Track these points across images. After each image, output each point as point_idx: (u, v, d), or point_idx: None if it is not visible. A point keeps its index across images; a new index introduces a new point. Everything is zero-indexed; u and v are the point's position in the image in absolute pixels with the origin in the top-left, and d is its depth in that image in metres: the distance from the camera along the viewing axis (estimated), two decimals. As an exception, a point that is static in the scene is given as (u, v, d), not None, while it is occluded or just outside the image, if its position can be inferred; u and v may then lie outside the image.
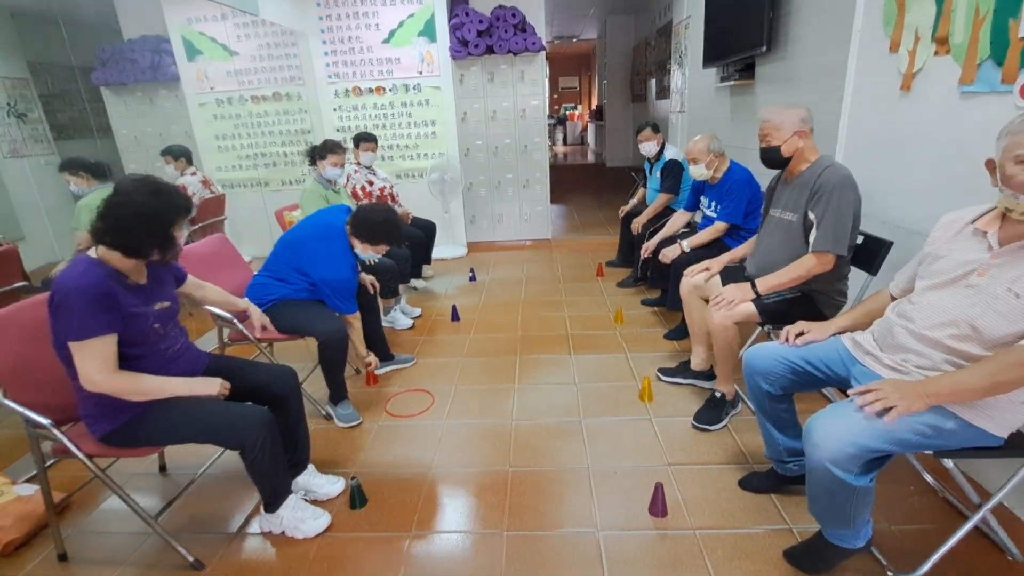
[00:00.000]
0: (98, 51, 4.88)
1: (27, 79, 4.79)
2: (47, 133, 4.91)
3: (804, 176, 1.93)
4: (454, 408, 2.36)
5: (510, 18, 4.51)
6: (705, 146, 2.80)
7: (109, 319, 1.38)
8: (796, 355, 1.58)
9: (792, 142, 1.92)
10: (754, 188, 2.79)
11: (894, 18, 2.08)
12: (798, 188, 1.94)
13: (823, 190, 1.82)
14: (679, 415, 2.21)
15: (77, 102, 5.16)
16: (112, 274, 1.43)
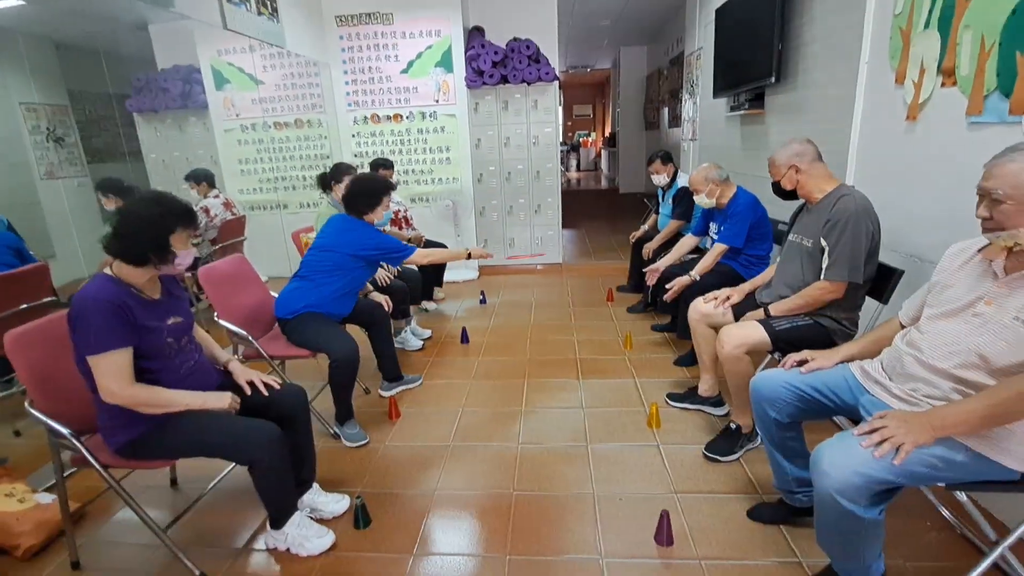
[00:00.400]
0: (133, 80, 5.12)
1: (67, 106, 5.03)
2: (82, 157, 5.13)
3: (821, 204, 1.94)
4: (460, 431, 2.37)
5: (524, 50, 4.65)
6: (703, 176, 2.85)
7: (124, 332, 1.43)
8: (803, 382, 1.57)
9: (789, 176, 1.98)
10: (759, 213, 2.81)
11: (900, 51, 2.12)
12: (815, 215, 1.96)
13: (837, 218, 1.83)
14: (687, 442, 2.19)
15: (111, 127, 5.39)
16: (127, 289, 1.49)
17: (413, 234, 4.01)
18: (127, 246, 1.46)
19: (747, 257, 2.84)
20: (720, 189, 2.85)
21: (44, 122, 4.75)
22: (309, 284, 2.35)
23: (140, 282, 1.53)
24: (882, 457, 1.21)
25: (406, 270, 3.43)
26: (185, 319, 1.66)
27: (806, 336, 1.94)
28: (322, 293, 2.33)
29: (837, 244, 1.83)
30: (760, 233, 2.82)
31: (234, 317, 2.26)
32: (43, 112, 4.75)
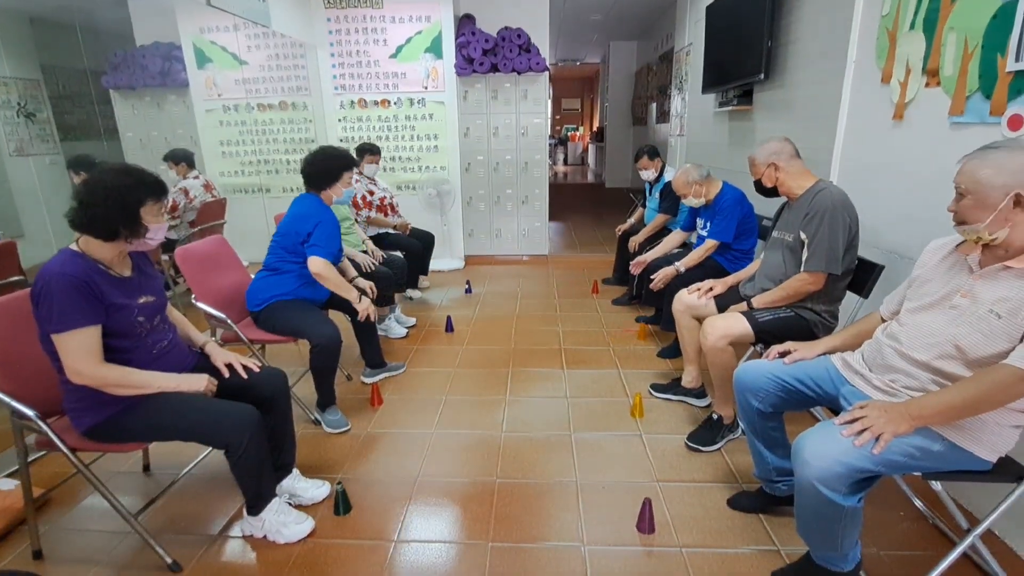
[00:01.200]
0: (109, 56, 4.95)
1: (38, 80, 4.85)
2: (54, 133, 4.96)
3: (801, 200, 1.98)
4: (444, 418, 2.35)
5: (515, 39, 4.61)
6: (684, 180, 2.90)
7: (90, 310, 1.37)
8: (786, 373, 1.59)
9: (768, 174, 2.02)
10: (746, 208, 2.83)
11: (886, 51, 2.14)
12: (795, 211, 2.00)
13: (814, 212, 1.87)
14: (669, 432, 2.21)
15: (86, 104, 5.22)
16: (93, 265, 1.43)
17: (399, 221, 3.96)
18: (95, 219, 1.39)
19: (733, 252, 2.87)
20: (705, 187, 2.87)
21: (15, 96, 4.58)
22: (273, 274, 2.29)
23: (108, 258, 1.46)
24: (862, 446, 1.22)
25: (391, 257, 3.39)
26: (157, 298, 1.60)
27: (788, 328, 1.96)
28: (288, 280, 2.27)
29: (815, 236, 1.86)
30: (746, 228, 2.84)
31: (212, 299, 2.21)
32: (14, 86, 4.57)
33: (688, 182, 2.88)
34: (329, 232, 2.28)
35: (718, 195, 2.87)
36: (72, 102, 5.22)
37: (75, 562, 1.61)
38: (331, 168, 2.35)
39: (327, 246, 2.24)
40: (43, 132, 4.80)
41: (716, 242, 2.82)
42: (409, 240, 3.92)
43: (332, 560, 1.59)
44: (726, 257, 2.88)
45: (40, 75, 4.79)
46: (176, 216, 3.86)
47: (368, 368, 2.70)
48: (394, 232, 3.92)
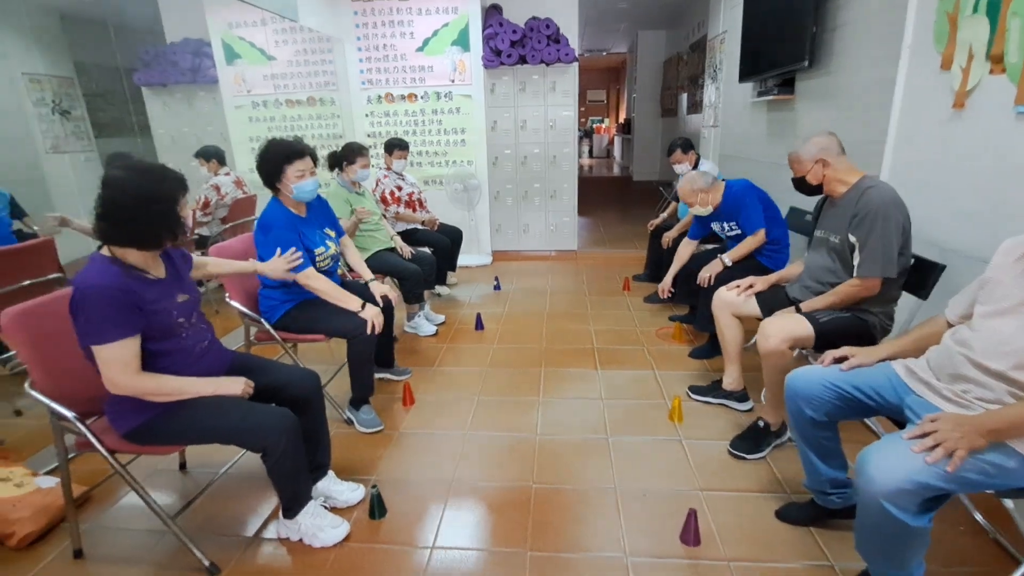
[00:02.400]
0: (140, 53, 5.02)
1: (72, 78, 4.94)
2: (88, 131, 5.05)
3: (846, 197, 1.87)
4: (477, 419, 2.31)
5: (544, 29, 4.51)
6: (690, 189, 2.81)
7: (129, 320, 1.36)
8: (843, 380, 1.50)
9: (816, 171, 1.91)
10: (759, 191, 2.76)
11: (946, 35, 2.00)
12: (840, 209, 1.89)
13: (865, 212, 1.76)
14: (711, 438, 2.13)
15: (119, 102, 5.31)
16: (128, 271, 1.40)
17: (427, 217, 3.93)
18: (134, 232, 1.37)
19: (767, 246, 2.76)
20: (710, 195, 2.79)
21: (49, 94, 4.67)
22: (269, 289, 2.21)
23: (142, 261, 1.44)
24: (935, 463, 1.14)
25: (420, 252, 3.36)
26: (192, 295, 1.59)
27: (848, 330, 1.87)
28: (287, 290, 2.17)
29: (868, 239, 1.75)
30: (771, 216, 2.75)
31: (245, 297, 2.21)
32: (48, 84, 4.66)
33: (694, 190, 2.80)
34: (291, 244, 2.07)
35: (725, 195, 2.79)
36: (105, 99, 5.32)
37: (115, 562, 1.63)
38: (269, 161, 2.08)
39: None
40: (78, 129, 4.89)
41: (762, 230, 2.72)
42: (437, 236, 3.88)
43: (368, 565, 1.57)
44: (762, 252, 2.77)
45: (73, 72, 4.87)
46: (208, 213, 3.90)
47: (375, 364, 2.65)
48: (423, 228, 3.89)
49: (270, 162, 2.09)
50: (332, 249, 2.32)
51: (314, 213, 2.31)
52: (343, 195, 3.09)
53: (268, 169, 2.10)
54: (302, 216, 2.24)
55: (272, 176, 2.11)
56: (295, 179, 2.10)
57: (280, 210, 2.16)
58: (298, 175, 2.10)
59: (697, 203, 2.81)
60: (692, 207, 2.85)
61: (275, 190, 2.16)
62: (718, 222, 2.90)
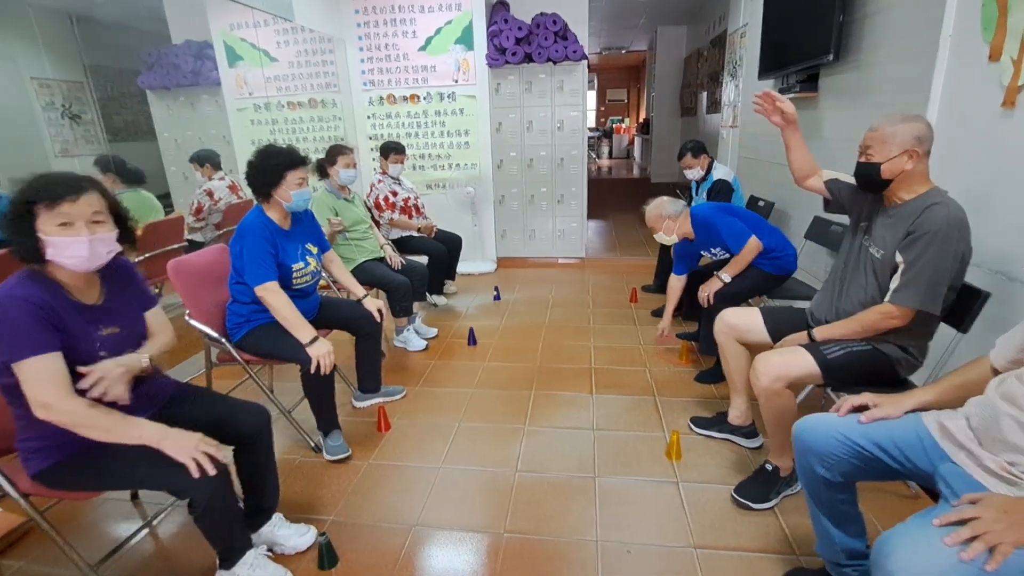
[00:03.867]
0: (144, 55, 4.97)
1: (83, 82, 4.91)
2: (100, 135, 5.03)
3: (906, 208, 1.55)
4: (454, 450, 2.11)
5: (551, 25, 4.29)
6: (657, 213, 2.63)
7: (44, 336, 1.20)
8: (862, 435, 1.25)
9: (897, 162, 1.52)
10: (725, 205, 2.61)
11: (994, 21, 1.72)
12: (896, 220, 1.56)
13: (922, 231, 1.46)
14: (711, 480, 1.88)
15: (133, 105, 5.30)
16: (51, 287, 1.25)
17: (424, 223, 3.76)
18: None
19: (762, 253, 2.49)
20: (677, 223, 2.59)
21: (59, 98, 4.64)
22: (239, 304, 2.04)
23: (70, 280, 1.29)
24: (971, 560, 0.89)
25: (410, 262, 3.18)
26: (128, 329, 1.42)
27: (864, 366, 1.61)
28: (258, 306, 1.99)
29: (916, 262, 1.47)
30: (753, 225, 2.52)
31: (209, 317, 2.05)
32: (57, 88, 4.63)
33: (661, 216, 2.61)
34: (258, 254, 1.92)
35: (695, 224, 2.58)
36: (119, 103, 5.31)
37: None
38: (268, 168, 1.96)
39: (258, 269, 1.91)
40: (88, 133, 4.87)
41: (752, 238, 2.46)
42: (434, 244, 3.70)
43: (308, 629, 1.39)
44: (764, 260, 2.51)
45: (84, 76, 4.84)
46: (201, 219, 3.79)
47: (359, 391, 2.46)
48: (419, 235, 3.71)
49: (271, 168, 1.97)
50: (312, 265, 2.15)
51: (299, 226, 2.16)
52: (329, 201, 2.92)
53: (267, 175, 1.98)
54: (285, 229, 2.08)
55: (271, 183, 1.98)
56: (295, 186, 2.01)
57: (262, 219, 2.01)
58: (298, 182, 2.02)
59: (662, 230, 2.63)
60: (654, 232, 2.69)
61: (265, 198, 2.01)
62: (704, 251, 2.71)
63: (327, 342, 1.95)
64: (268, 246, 1.94)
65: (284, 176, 1.99)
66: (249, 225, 1.97)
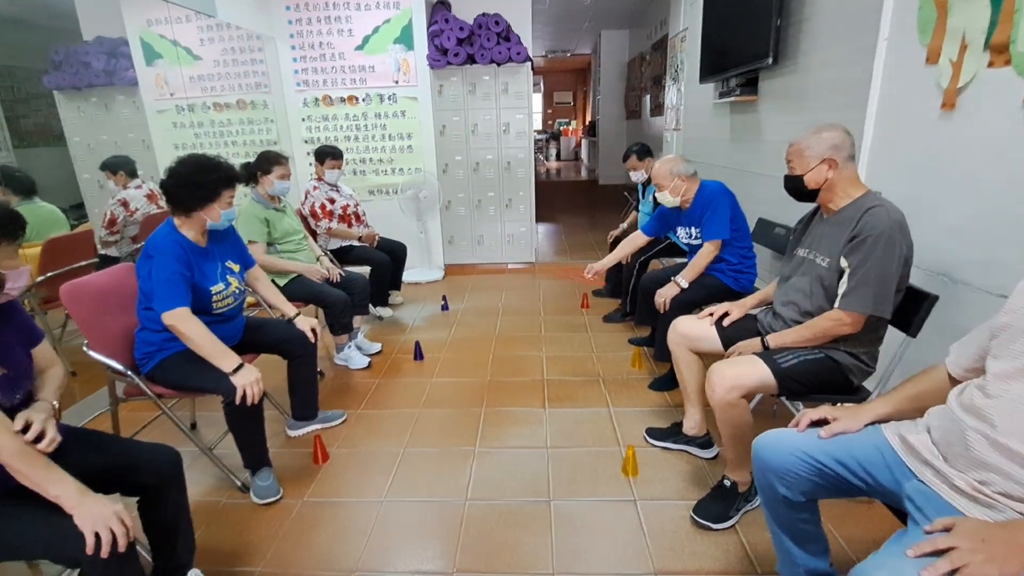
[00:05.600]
0: (50, 53, 4.52)
1: (-17, 83, 4.42)
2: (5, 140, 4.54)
3: (844, 214, 1.55)
4: (398, 480, 1.95)
5: (493, 26, 4.18)
6: (668, 169, 2.47)
7: None
8: (823, 451, 1.19)
9: (818, 171, 1.55)
10: (731, 198, 2.46)
11: (932, 23, 1.73)
12: (835, 227, 1.57)
13: (865, 235, 1.45)
14: (670, 496, 1.81)
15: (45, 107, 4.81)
16: None
17: (365, 232, 3.56)
18: None
19: (729, 263, 2.46)
20: (686, 185, 2.47)
21: (-49, 102, 4.16)
22: (149, 332, 1.79)
23: None
24: (948, 591, 0.83)
25: (350, 275, 2.98)
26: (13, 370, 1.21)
27: (817, 374, 1.57)
28: (162, 335, 1.76)
29: (861, 266, 1.45)
30: (737, 228, 2.46)
31: (112, 347, 1.80)
32: (-53, 89, 4.15)
33: (671, 173, 2.46)
34: (168, 276, 1.68)
35: (697, 194, 2.48)
36: (28, 105, 4.81)
37: None
38: (205, 183, 1.74)
39: (168, 294, 1.68)
40: (-12, 139, 4.38)
41: (718, 242, 2.42)
42: (377, 253, 3.51)
43: None
44: (722, 271, 2.47)
45: (-16, 76, 4.36)
46: (115, 232, 3.45)
47: (292, 419, 2.25)
48: (359, 244, 3.51)
49: (208, 183, 1.76)
50: (234, 285, 1.94)
51: (217, 243, 1.93)
52: (258, 213, 2.69)
53: (201, 190, 1.75)
54: (201, 246, 1.85)
55: (203, 198, 1.77)
56: (227, 205, 1.83)
57: (174, 236, 1.78)
58: (230, 201, 1.84)
59: (669, 189, 2.47)
60: (660, 190, 2.51)
61: (186, 213, 1.78)
62: (684, 226, 2.59)
63: (254, 369, 1.75)
64: (181, 267, 1.72)
65: (220, 194, 1.80)
66: (158, 243, 1.74)
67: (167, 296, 1.68)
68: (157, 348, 1.80)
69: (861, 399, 1.61)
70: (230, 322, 1.94)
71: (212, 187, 1.77)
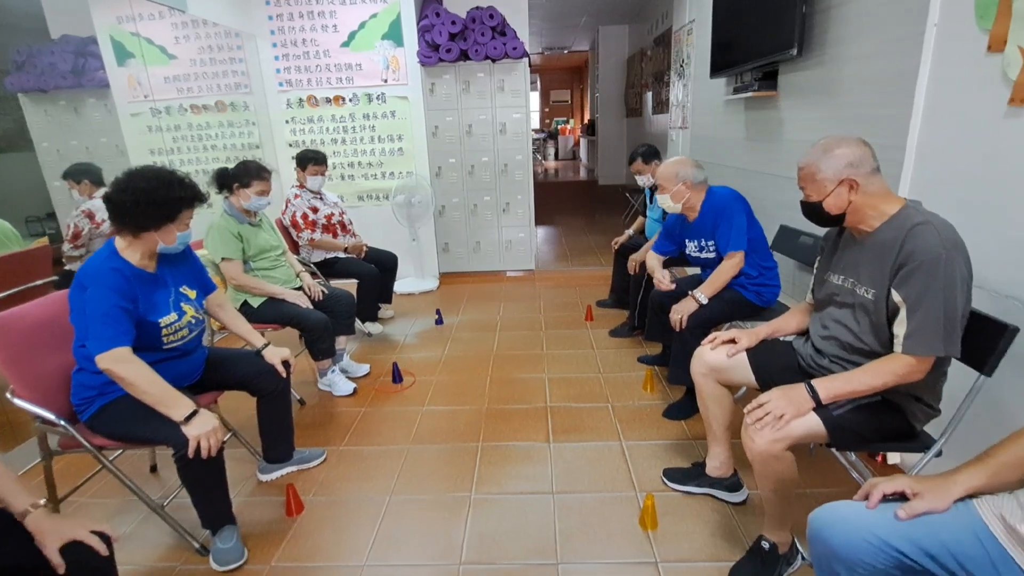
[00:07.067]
0: (13, 53, 4.25)
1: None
2: None
3: (881, 236, 1.31)
4: (383, 537, 1.70)
5: (487, 20, 3.92)
6: (674, 171, 2.23)
7: None
8: (904, 537, 0.95)
9: (837, 196, 1.32)
10: (745, 205, 2.22)
11: (995, 6, 1.48)
12: (873, 252, 1.32)
13: (916, 262, 1.20)
14: (695, 557, 1.57)
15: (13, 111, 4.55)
16: None
17: (352, 242, 3.30)
18: None
19: (744, 276, 2.22)
20: (690, 194, 2.24)
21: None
22: (88, 373, 1.54)
23: None
24: None
25: (334, 291, 2.72)
26: None
27: (874, 422, 1.33)
28: (103, 377, 1.49)
29: (922, 301, 1.20)
30: (754, 238, 2.22)
31: (43, 391, 1.55)
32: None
33: (677, 176, 2.22)
34: (104, 311, 1.43)
35: (705, 204, 2.25)
36: None
37: None
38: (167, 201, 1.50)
39: (104, 332, 1.43)
40: (-47, 146, 4.13)
41: (740, 253, 2.18)
42: (365, 265, 3.26)
43: None
44: (743, 285, 2.23)
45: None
46: (79, 245, 3.18)
47: (265, 462, 2.00)
48: (345, 256, 3.26)
49: (171, 201, 1.51)
50: (189, 315, 1.67)
51: (170, 267, 1.67)
52: (232, 228, 2.42)
53: (161, 208, 1.50)
54: (149, 272, 1.60)
55: (161, 218, 1.52)
56: (183, 227, 1.59)
57: (114, 263, 1.52)
58: (189, 220, 1.61)
59: (671, 193, 2.23)
60: (660, 192, 2.27)
61: (134, 234, 1.52)
62: (694, 239, 2.35)
63: (211, 416, 1.49)
64: (120, 300, 1.46)
65: (181, 213, 1.56)
66: (94, 272, 1.48)
67: (103, 335, 1.42)
68: (97, 392, 1.54)
69: (924, 448, 1.37)
70: (187, 357, 1.69)
71: (174, 206, 1.53)
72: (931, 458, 1.36)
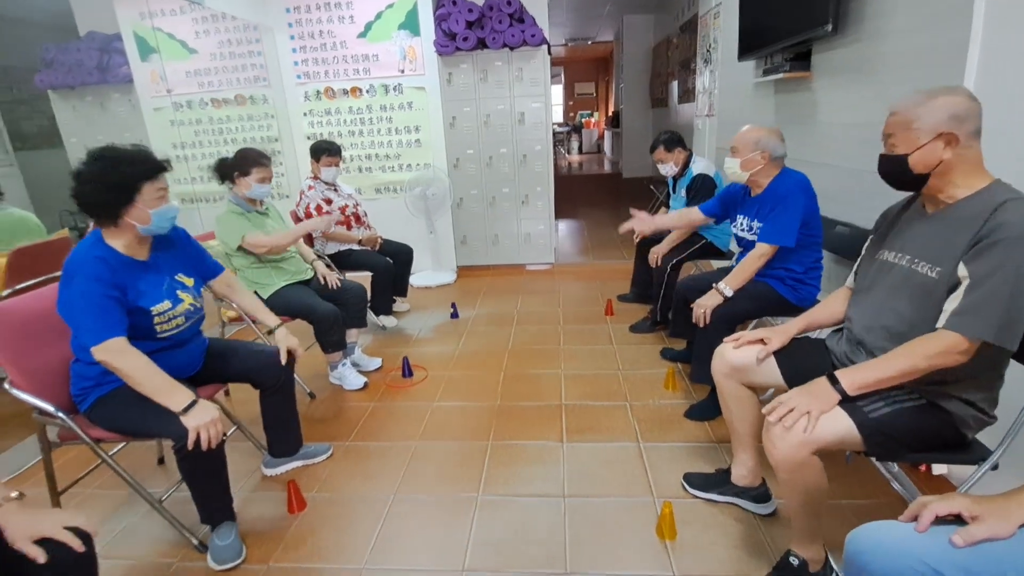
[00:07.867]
0: (42, 51, 4.33)
1: (-25, 85, 4.28)
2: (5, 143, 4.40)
3: (962, 210, 1.16)
4: (384, 539, 1.63)
5: (505, 6, 3.82)
6: (754, 139, 2.02)
7: None
8: (958, 567, 0.82)
9: (930, 150, 1.14)
10: (812, 199, 2.02)
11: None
12: (946, 227, 1.17)
13: (998, 236, 1.05)
14: (716, 571, 1.45)
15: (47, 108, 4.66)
16: None
17: (367, 234, 3.26)
18: None
19: (790, 270, 2.06)
20: (764, 166, 2.03)
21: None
22: (80, 364, 1.51)
23: None
24: None
25: (345, 284, 2.67)
26: None
27: (918, 428, 1.19)
28: (99, 368, 1.45)
29: (988, 278, 1.06)
30: (810, 234, 2.03)
31: (40, 383, 1.52)
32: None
33: (756, 143, 2.00)
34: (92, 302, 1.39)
35: (774, 181, 2.06)
36: (31, 107, 4.67)
37: None
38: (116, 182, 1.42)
39: (95, 324, 1.39)
40: (-14, 141, 4.25)
41: (771, 247, 2.02)
42: (379, 257, 3.21)
43: None
44: (777, 276, 2.07)
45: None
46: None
47: (269, 456, 1.95)
48: (360, 248, 3.21)
49: (120, 180, 1.42)
50: (187, 302, 1.63)
51: (164, 252, 1.62)
52: (239, 215, 2.39)
53: (115, 192, 1.43)
54: (140, 260, 1.55)
55: (121, 201, 1.44)
56: (155, 201, 1.48)
57: (97, 251, 1.47)
58: (158, 196, 1.49)
59: (743, 160, 2.03)
60: (732, 155, 2.08)
61: (112, 222, 1.47)
62: (746, 215, 2.16)
63: (211, 406, 1.45)
64: (107, 289, 1.41)
65: (139, 189, 1.46)
66: (78, 261, 1.43)
67: (94, 327, 1.38)
68: (94, 383, 1.51)
69: (978, 460, 1.22)
70: (184, 347, 1.64)
71: (129, 183, 1.43)
72: (986, 471, 1.21)
